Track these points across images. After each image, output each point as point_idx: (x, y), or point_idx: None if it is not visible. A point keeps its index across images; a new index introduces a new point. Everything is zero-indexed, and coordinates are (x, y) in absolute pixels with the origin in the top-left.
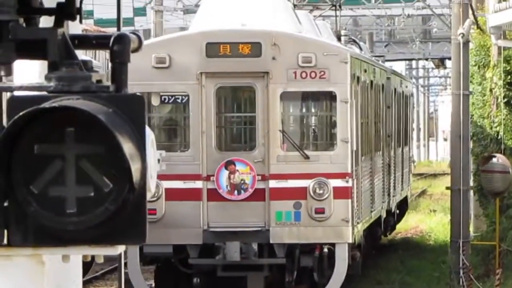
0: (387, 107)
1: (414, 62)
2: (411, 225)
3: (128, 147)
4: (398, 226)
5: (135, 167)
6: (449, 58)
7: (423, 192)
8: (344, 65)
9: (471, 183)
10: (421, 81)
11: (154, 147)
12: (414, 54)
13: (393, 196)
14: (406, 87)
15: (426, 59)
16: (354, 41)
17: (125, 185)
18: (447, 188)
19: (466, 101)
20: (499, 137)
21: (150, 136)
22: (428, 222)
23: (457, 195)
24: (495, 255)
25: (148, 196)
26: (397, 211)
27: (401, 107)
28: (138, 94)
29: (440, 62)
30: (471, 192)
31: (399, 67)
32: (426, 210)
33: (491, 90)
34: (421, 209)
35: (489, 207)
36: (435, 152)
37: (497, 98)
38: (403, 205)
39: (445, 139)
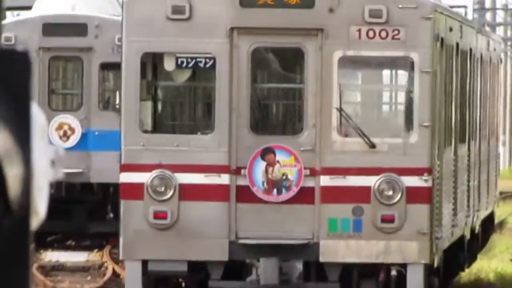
0: (473, 80)
1: None
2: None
3: None
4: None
5: (11, 174)
6: None
7: (501, 224)
8: (426, 22)
9: None
10: (500, 31)
11: (46, 140)
12: None
13: (477, 210)
14: (495, 49)
15: None
16: None
17: None
18: None
19: None
20: None
21: (39, 121)
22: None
23: None
24: None
25: (35, 222)
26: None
27: (488, 81)
28: (21, 49)
29: None
30: None
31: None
32: (505, 255)
33: None
34: (497, 252)
35: None
36: (508, 153)
37: None
38: (488, 225)
39: None
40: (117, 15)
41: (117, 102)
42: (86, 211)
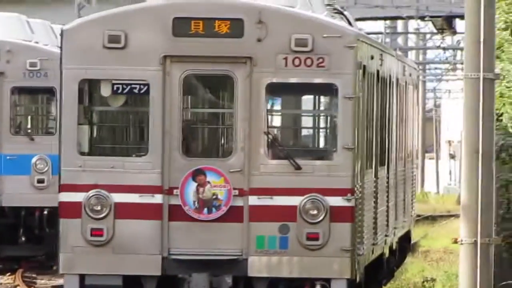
0: (391, 105)
1: (400, 23)
2: None
3: None
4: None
5: None
6: (461, 17)
7: (413, 247)
8: (350, 50)
9: (495, 234)
10: (412, 55)
11: None
12: (400, 10)
13: (395, 228)
14: (411, 75)
15: (422, 18)
16: (340, 11)
17: None
18: (454, 241)
19: (490, 91)
20: None
21: None
22: None
23: (471, 253)
24: None
25: None
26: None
27: (405, 106)
28: None
29: (446, 24)
30: (493, 249)
31: (375, 30)
32: (417, 277)
33: None
34: (409, 275)
35: None
36: (434, 179)
37: None
38: (403, 244)
39: (452, 157)
40: (28, 40)
41: (29, 126)
42: None
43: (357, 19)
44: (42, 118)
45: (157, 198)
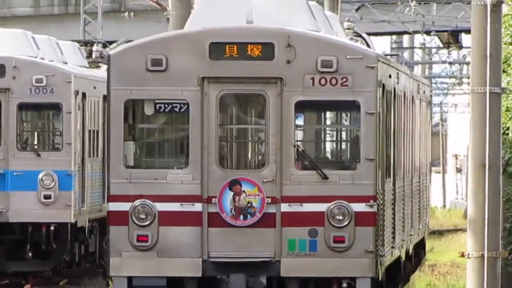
0: (407, 120)
1: (406, 38)
2: None
3: None
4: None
5: None
6: (467, 31)
7: (419, 261)
8: (371, 70)
9: (501, 247)
10: (418, 70)
11: None
12: (406, 24)
13: (411, 235)
14: (424, 92)
15: (428, 33)
16: (359, 35)
17: None
18: (461, 255)
19: (497, 105)
20: None
21: None
22: None
23: (478, 266)
24: None
25: None
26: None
27: (419, 121)
28: None
29: (452, 38)
30: (500, 262)
31: (381, 45)
32: None
33: None
34: None
35: None
36: (440, 193)
37: None
38: (419, 250)
39: (459, 170)
40: (34, 56)
41: (35, 142)
42: (5, 250)
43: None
44: (48, 134)
45: (197, 207)
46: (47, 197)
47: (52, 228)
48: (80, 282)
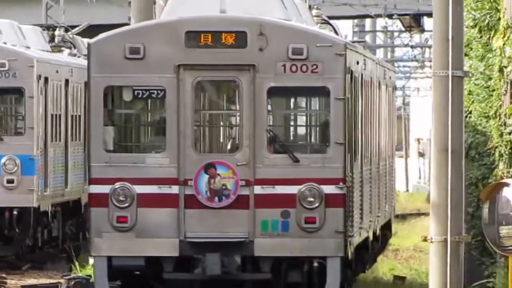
0: (373, 105)
1: (368, 22)
2: None
3: None
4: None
5: None
6: (429, 15)
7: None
8: (340, 58)
9: (465, 232)
10: (380, 53)
11: None
12: (368, 8)
13: (378, 216)
14: (390, 78)
15: (390, 17)
16: (327, 22)
17: None
18: (424, 239)
19: (459, 88)
20: None
21: None
22: None
23: (441, 251)
24: None
25: None
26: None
27: (385, 106)
28: None
29: (414, 22)
30: (463, 247)
31: (343, 28)
32: (387, 276)
33: (501, 70)
34: (378, 273)
35: (495, 270)
36: (403, 177)
37: (511, 84)
38: (385, 231)
39: (421, 155)
40: None
41: None
42: None
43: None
44: (11, 118)
45: (174, 189)
46: (9, 181)
47: (15, 212)
48: (43, 266)
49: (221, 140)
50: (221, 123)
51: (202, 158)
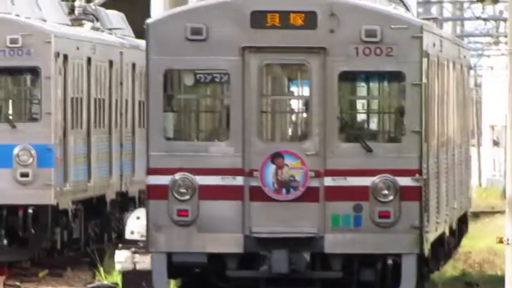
0: (449, 89)
1: None
2: None
3: None
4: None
5: None
6: None
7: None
8: (416, 40)
9: None
10: (447, 27)
11: None
12: None
13: (454, 208)
14: (465, 57)
15: None
16: (401, 0)
17: None
18: (500, 241)
19: None
20: None
21: None
22: None
23: None
24: None
25: None
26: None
27: (461, 89)
28: None
29: None
30: None
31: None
32: (458, 283)
33: None
34: (449, 280)
35: None
36: (476, 169)
37: None
38: (462, 225)
39: (496, 143)
40: (8, 12)
41: (10, 112)
42: None
43: None
44: (25, 102)
45: (239, 180)
46: (24, 175)
47: (30, 211)
48: (62, 273)
49: (289, 128)
50: (289, 110)
51: (269, 147)
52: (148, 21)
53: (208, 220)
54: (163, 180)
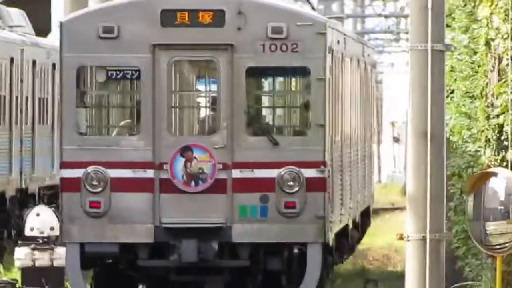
0: (354, 85)
1: None
2: None
3: None
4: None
5: None
6: None
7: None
8: (321, 36)
9: (446, 229)
10: (348, 24)
11: None
12: None
13: (357, 201)
14: (368, 55)
15: None
16: None
17: None
18: (400, 237)
19: (440, 64)
20: (504, 136)
21: None
22: None
23: (419, 250)
24: None
25: None
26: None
27: (365, 86)
28: None
29: None
30: (444, 246)
31: None
32: (358, 279)
33: (488, 43)
34: (349, 277)
35: (481, 273)
36: (376, 166)
37: (500, 59)
38: (364, 218)
39: (396, 140)
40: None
41: None
42: None
43: None
44: None
45: (149, 173)
46: None
47: None
48: None
49: (198, 122)
50: (198, 105)
51: (178, 141)
52: (62, 19)
53: (119, 212)
54: (76, 173)
